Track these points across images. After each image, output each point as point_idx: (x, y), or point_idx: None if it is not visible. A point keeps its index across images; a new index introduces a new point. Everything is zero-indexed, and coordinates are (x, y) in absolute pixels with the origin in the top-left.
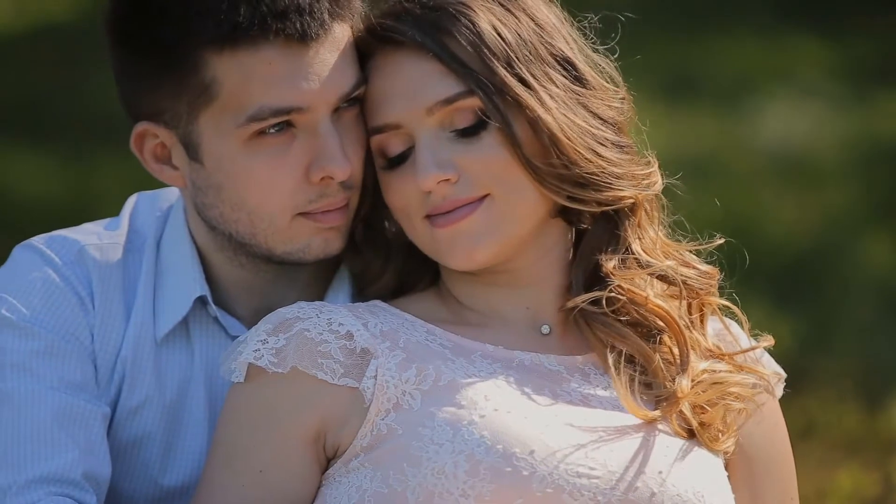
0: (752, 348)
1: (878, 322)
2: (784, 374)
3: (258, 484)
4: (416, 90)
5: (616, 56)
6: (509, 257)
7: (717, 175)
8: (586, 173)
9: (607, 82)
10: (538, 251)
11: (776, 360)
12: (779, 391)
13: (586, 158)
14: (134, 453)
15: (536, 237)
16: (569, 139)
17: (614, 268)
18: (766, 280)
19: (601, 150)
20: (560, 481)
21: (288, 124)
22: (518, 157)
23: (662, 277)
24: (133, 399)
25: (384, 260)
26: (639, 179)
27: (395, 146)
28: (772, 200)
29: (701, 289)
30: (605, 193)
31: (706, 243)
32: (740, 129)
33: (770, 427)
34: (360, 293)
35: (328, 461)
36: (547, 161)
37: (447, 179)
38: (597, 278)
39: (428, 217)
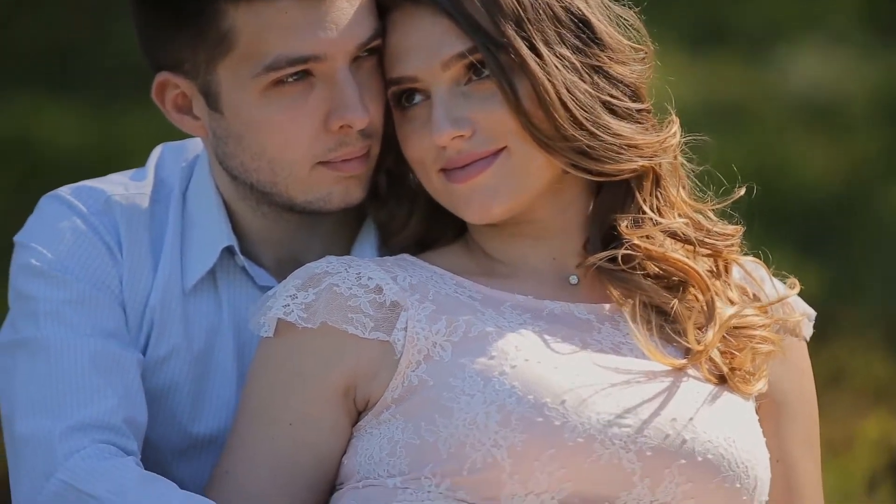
0: (779, 299)
1: None
2: (813, 313)
3: (288, 437)
4: (431, 46)
5: (643, 6)
6: (528, 210)
7: (745, 123)
8: (587, 145)
9: (629, 38)
10: (559, 204)
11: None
12: (808, 331)
13: (587, 129)
14: (163, 402)
15: (556, 191)
16: (568, 108)
17: (627, 226)
18: (794, 228)
19: (607, 119)
20: (591, 430)
21: (306, 73)
22: (518, 118)
23: (675, 236)
24: (161, 349)
25: (409, 210)
26: (650, 147)
27: (412, 97)
28: (800, 148)
29: (721, 246)
30: (607, 165)
31: (729, 199)
32: (769, 77)
33: (797, 371)
34: (385, 244)
35: (359, 414)
36: (551, 125)
37: (461, 135)
38: (614, 236)
39: (444, 171)
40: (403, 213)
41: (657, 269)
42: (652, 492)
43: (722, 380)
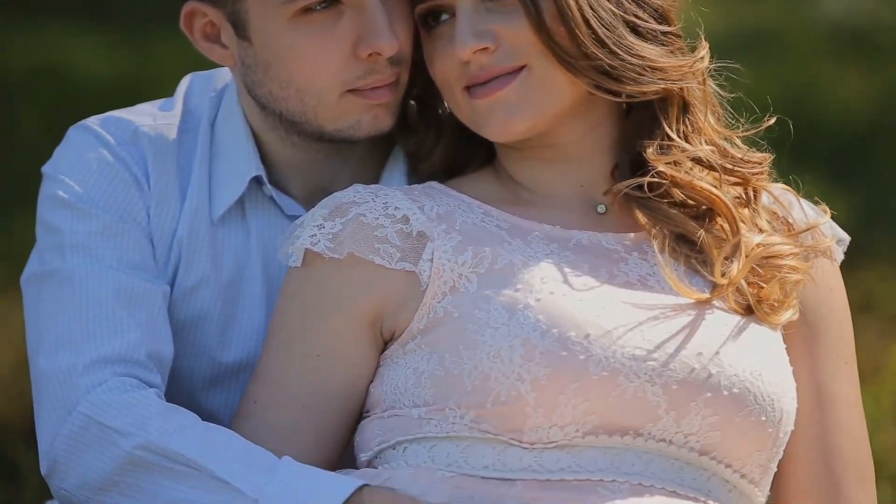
0: (811, 227)
1: None
2: (846, 237)
3: (316, 368)
4: None
5: None
6: (552, 132)
7: (777, 51)
8: (609, 64)
9: None
10: (584, 126)
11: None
12: (839, 255)
13: (609, 48)
14: (192, 332)
15: (581, 112)
16: (591, 25)
17: (654, 152)
18: (826, 155)
19: (630, 39)
20: (616, 364)
21: (335, 0)
22: (539, 34)
23: (699, 161)
24: (190, 279)
25: (436, 136)
26: (675, 71)
27: (439, 16)
28: (833, 76)
29: (749, 174)
30: (629, 87)
31: (758, 127)
32: (802, 4)
33: (826, 291)
34: (414, 171)
35: (385, 344)
36: (572, 43)
37: (485, 48)
38: (641, 163)
39: (467, 88)
40: (431, 138)
41: (683, 197)
42: (677, 424)
43: (749, 310)
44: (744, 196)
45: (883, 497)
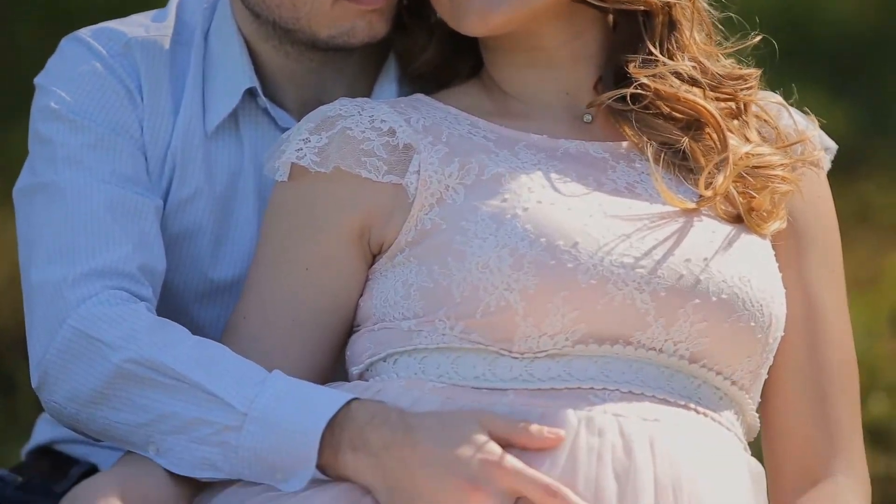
0: (799, 140)
1: None
2: (833, 146)
3: (305, 282)
4: None
5: None
6: (535, 34)
7: None
8: None
9: None
10: (568, 31)
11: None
12: (827, 163)
13: None
14: (184, 246)
15: (564, 15)
16: None
17: (635, 67)
18: (825, 65)
19: None
20: (604, 272)
21: None
22: None
23: (682, 77)
24: (183, 191)
25: (427, 36)
26: None
27: None
28: None
29: (736, 89)
30: None
31: (745, 44)
32: None
33: (814, 201)
34: (404, 73)
35: (374, 257)
36: None
37: None
38: (626, 77)
39: None
40: (423, 38)
41: (669, 110)
42: (666, 331)
43: (738, 220)
44: (733, 108)
45: (879, 406)
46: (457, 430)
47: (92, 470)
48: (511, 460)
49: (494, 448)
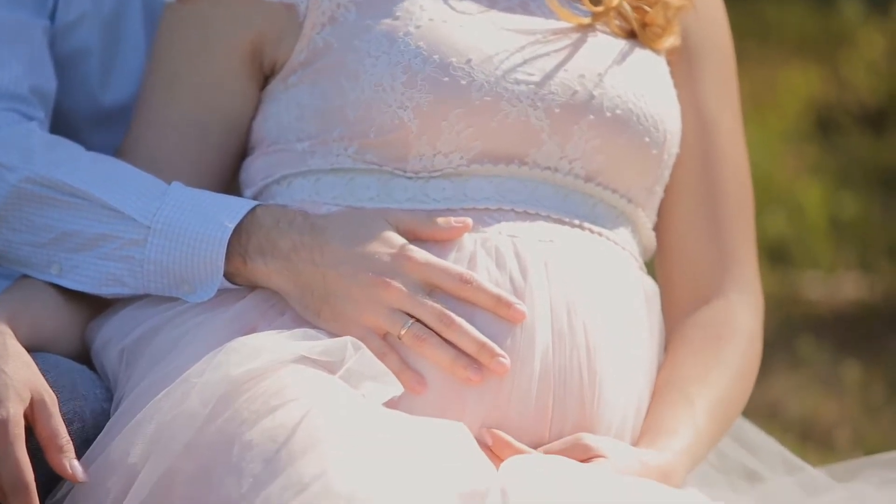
0: None
1: None
2: None
3: (196, 101)
4: None
5: None
6: None
7: None
8: None
9: None
10: None
11: None
12: None
13: None
14: (73, 69)
15: None
16: None
17: None
18: None
19: None
20: (498, 88)
21: None
22: None
23: None
24: (70, 13)
25: None
26: None
27: None
28: None
29: None
30: None
31: None
32: None
33: (710, 20)
34: None
35: (266, 79)
36: None
37: None
38: None
39: None
40: None
41: None
42: (561, 148)
43: (632, 35)
44: None
45: (776, 220)
46: (364, 227)
47: None
48: (421, 252)
49: (403, 242)
